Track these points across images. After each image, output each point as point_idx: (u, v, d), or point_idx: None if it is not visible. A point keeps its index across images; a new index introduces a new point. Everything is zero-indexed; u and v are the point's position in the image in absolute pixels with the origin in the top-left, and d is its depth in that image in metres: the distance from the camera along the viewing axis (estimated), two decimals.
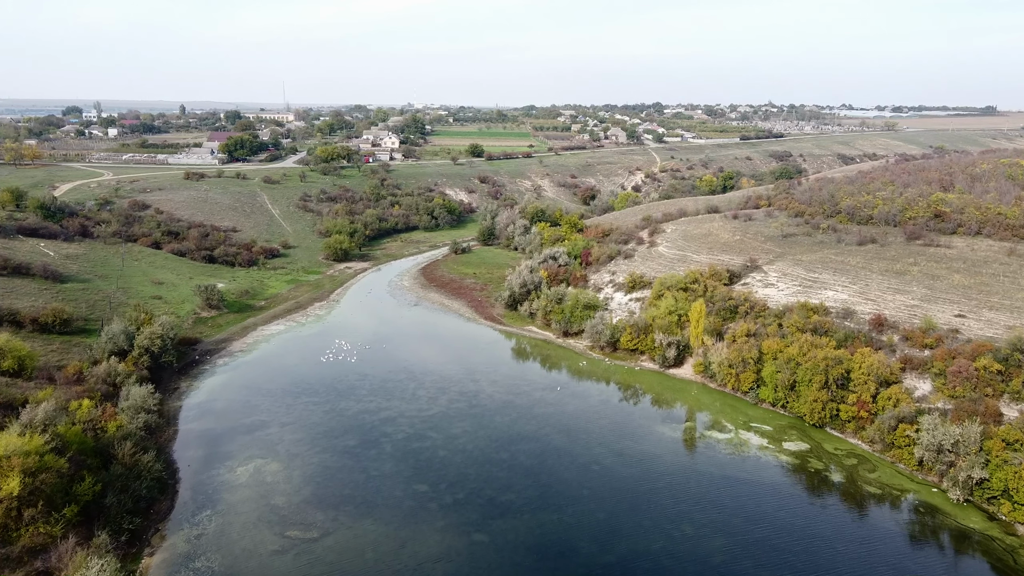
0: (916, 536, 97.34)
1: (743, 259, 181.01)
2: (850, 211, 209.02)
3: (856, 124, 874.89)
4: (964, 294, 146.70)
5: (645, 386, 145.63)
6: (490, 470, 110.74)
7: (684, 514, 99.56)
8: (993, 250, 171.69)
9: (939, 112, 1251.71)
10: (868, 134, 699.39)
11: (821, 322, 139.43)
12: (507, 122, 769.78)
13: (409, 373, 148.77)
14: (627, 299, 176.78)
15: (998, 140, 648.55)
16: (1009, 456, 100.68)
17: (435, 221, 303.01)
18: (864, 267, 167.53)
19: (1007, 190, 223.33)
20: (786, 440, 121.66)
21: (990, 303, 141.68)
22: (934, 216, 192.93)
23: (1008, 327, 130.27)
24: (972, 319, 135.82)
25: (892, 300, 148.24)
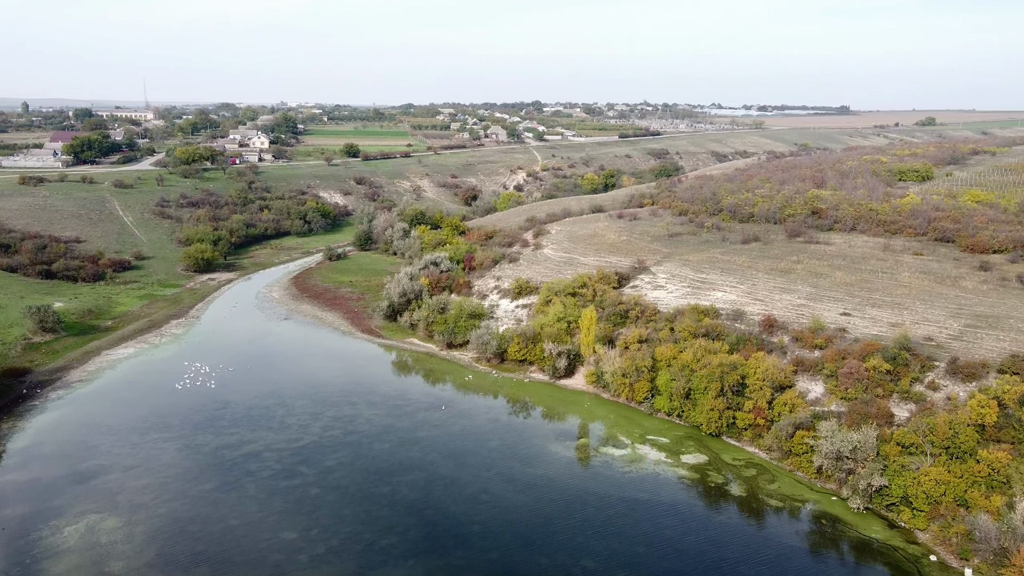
0: (820, 550, 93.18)
1: (631, 260, 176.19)
2: (732, 209, 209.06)
3: (727, 123, 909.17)
4: (847, 292, 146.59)
5: (536, 400, 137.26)
6: (369, 508, 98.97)
7: (583, 546, 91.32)
8: (869, 246, 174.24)
9: (800, 111, 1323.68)
10: (739, 132, 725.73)
11: (713, 325, 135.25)
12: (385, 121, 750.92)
13: (278, 398, 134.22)
14: (514, 306, 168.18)
15: (855, 138, 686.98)
16: (906, 461, 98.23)
17: (308, 226, 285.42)
18: (750, 266, 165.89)
19: (875, 186, 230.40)
20: (684, 452, 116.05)
21: (872, 300, 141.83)
22: (812, 213, 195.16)
23: (891, 324, 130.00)
24: (857, 317, 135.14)
25: (780, 300, 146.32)
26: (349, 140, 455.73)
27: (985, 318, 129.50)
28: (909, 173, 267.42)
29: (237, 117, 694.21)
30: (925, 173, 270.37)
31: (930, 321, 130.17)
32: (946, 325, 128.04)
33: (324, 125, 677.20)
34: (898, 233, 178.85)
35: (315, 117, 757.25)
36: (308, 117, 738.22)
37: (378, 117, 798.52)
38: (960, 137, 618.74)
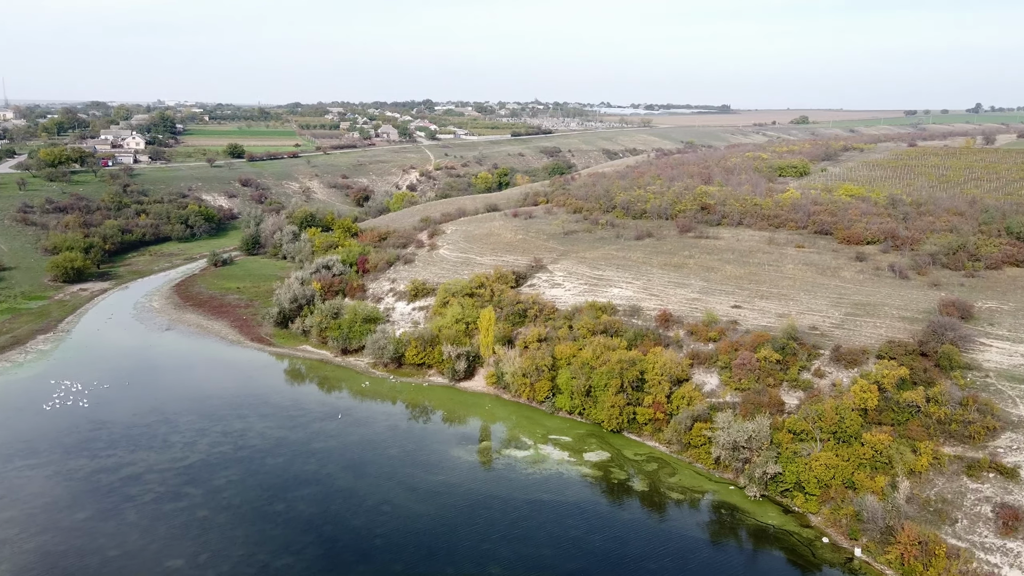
0: (720, 540, 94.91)
1: (528, 259, 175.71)
2: (626, 206, 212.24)
3: (616, 121, 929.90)
4: (737, 285, 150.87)
5: (436, 404, 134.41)
6: (263, 528, 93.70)
7: (489, 553, 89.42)
8: (755, 240, 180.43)
9: (685, 110, 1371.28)
10: (628, 130, 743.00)
11: (611, 322, 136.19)
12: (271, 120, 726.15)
13: (160, 415, 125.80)
14: (410, 308, 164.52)
15: (736, 136, 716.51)
16: (797, 448, 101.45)
17: (191, 230, 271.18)
18: (645, 262, 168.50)
19: (758, 182, 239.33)
20: (587, 450, 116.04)
21: (760, 292, 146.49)
22: (701, 209, 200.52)
23: (779, 315, 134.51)
24: (747, 309, 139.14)
25: (675, 294, 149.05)
26: (233, 140, 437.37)
27: (863, 306, 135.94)
28: (788, 169, 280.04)
29: (109, 116, 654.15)
30: (802, 169, 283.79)
31: (814, 311, 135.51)
32: (829, 314, 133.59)
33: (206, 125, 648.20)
34: (781, 227, 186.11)
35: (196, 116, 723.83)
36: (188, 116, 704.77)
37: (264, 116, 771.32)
38: (831, 134, 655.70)
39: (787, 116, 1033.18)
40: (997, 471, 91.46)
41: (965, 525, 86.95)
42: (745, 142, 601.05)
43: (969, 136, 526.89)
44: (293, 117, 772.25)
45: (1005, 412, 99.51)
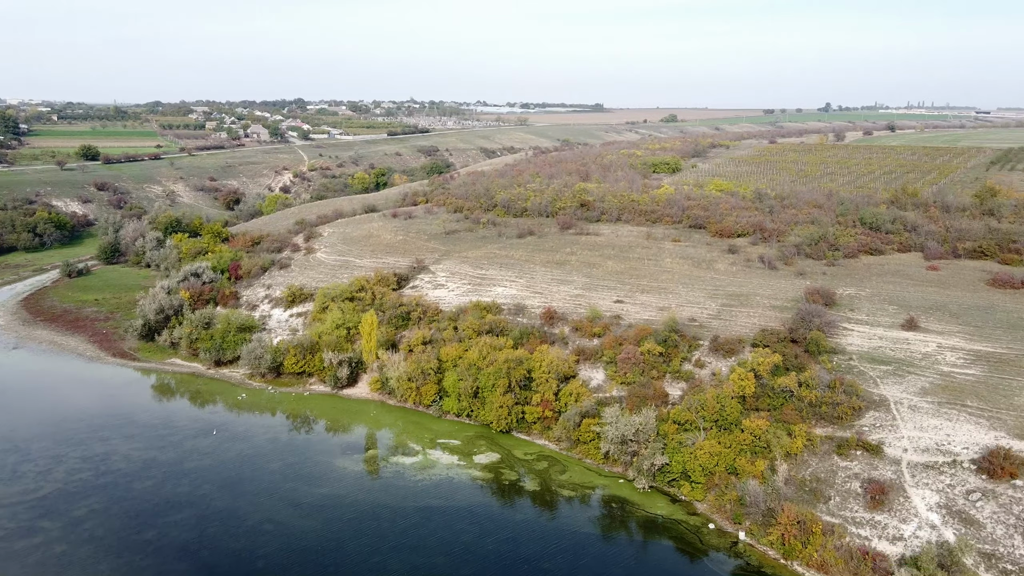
0: (611, 533, 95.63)
1: (410, 260, 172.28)
2: (506, 204, 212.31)
3: (493, 120, 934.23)
4: (619, 280, 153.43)
5: (318, 413, 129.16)
6: (132, 559, 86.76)
7: (380, 566, 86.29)
8: (634, 235, 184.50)
9: (560, 108, 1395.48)
10: (505, 129, 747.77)
11: (496, 321, 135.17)
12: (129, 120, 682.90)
13: (8, 443, 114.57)
14: (288, 315, 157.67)
15: (610, 134, 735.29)
16: (683, 438, 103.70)
17: (40, 239, 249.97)
18: (528, 260, 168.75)
19: (633, 178, 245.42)
20: (476, 452, 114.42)
21: (641, 286, 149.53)
22: (581, 205, 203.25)
23: (660, 308, 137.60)
24: (630, 304, 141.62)
25: (558, 291, 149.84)
26: (86, 141, 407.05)
27: (737, 297, 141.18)
28: (661, 166, 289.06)
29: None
30: (674, 165, 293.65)
31: (692, 303, 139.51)
32: (706, 306, 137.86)
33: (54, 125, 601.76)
34: (658, 222, 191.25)
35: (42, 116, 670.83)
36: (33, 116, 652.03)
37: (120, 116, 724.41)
38: (698, 132, 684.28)
39: (657, 115, 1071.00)
40: (864, 448, 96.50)
41: (838, 502, 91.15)
42: (619, 139, 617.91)
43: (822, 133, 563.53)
44: (154, 117, 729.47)
45: (868, 392, 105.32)
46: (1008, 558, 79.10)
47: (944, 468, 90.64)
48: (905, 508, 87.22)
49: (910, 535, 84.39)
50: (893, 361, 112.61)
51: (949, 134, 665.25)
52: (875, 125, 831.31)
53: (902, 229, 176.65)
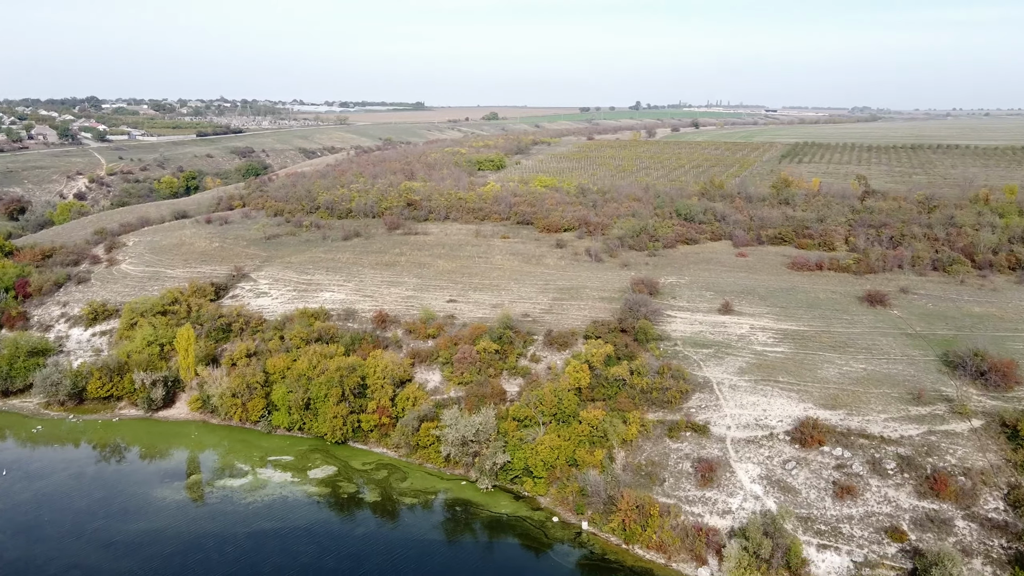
0: (456, 537, 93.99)
1: (228, 268, 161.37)
2: (330, 206, 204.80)
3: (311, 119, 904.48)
4: (450, 279, 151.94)
5: (131, 440, 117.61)
6: None
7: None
8: (463, 233, 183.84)
9: (380, 107, 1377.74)
10: (324, 128, 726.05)
11: (326, 328, 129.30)
12: None
13: None
14: (89, 335, 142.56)
15: (433, 132, 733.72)
16: (523, 434, 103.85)
17: None
18: (355, 262, 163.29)
19: (459, 176, 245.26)
20: (311, 467, 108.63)
21: (473, 284, 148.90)
22: (407, 205, 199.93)
23: (493, 306, 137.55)
24: (463, 302, 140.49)
25: (389, 293, 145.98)
26: None
27: (567, 290, 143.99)
28: (486, 163, 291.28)
29: None
30: (499, 162, 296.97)
31: (525, 299, 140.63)
32: (538, 301, 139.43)
33: None
34: (486, 219, 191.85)
35: None
36: None
37: None
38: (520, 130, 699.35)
39: (479, 113, 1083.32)
40: (692, 429, 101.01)
41: (672, 483, 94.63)
42: (442, 138, 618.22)
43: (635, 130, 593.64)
44: None
45: (693, 375, 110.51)
46: (821, 519, 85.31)
47: (763, 441, 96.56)
48: (732, 483, 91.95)
49: (737, 508, 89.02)
50: (713, 344, 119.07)
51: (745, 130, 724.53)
52: (681, 122, 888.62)
53: (713, 219, 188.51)
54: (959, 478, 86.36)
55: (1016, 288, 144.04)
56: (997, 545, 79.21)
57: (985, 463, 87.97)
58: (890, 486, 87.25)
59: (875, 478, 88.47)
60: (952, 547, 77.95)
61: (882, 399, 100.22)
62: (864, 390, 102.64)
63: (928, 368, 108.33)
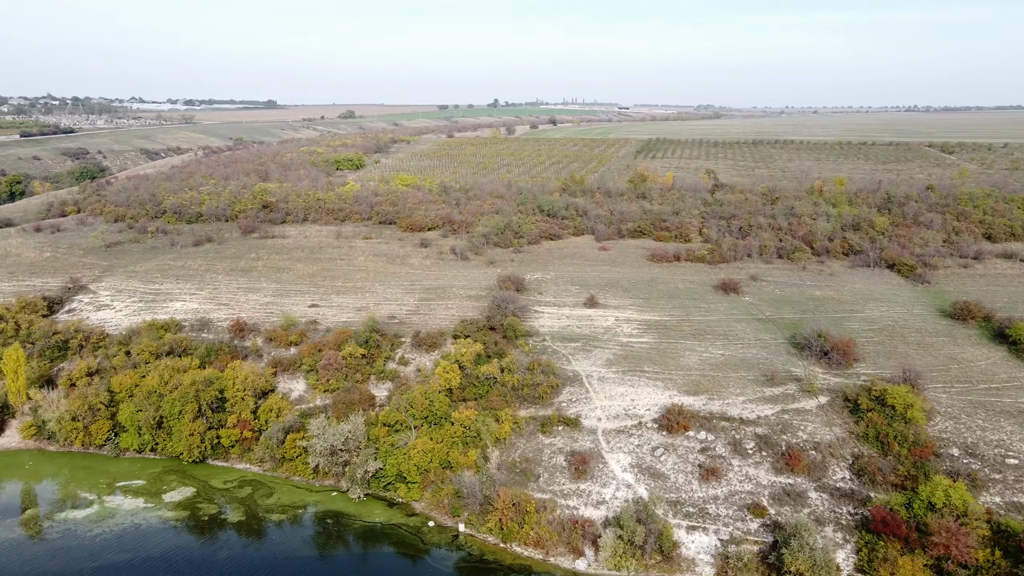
0: (328, 551, 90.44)
1: (62, 280, 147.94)
2: (177, 210, 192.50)
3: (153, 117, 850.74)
4: (312, 283, 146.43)
5: None
6: None
7: None
8: (323, 235, 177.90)
9: (229, 105, 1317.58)
10: (168, 127, 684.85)
11: (178, 340, 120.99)
12: None
13: None
14: None
15: (287, 131, 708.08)
16: (395, 440, 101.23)
17: None
18: (208, 269, 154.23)
19: (317, 177, 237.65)
20: (167, 490, 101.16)
21: (336, 288, 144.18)
22: (263, 207, 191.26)
23: (358, 309, 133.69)
24: (326, 307, 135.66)
25: (247, 300, 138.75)
26: None
27: (434, 290, 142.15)
28: (344, 162, 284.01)
29: None
30: (358, 162, 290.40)
31: (391, 300, 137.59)
32: (405, 302, 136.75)
33: None
34: (347, 220, 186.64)
35: None
36: None
37: None
38: (378, 128, 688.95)
39: (335, 111, 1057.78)
40: (564, 423, 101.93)
41: (547, 478, 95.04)
42: (297, 137, 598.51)
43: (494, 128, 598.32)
44: None
45: (563, 370, 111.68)
46: (689, 502, 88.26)
47: (632, 431, 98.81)
48: (605, 473, 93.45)
49: (611, 497, 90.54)
50: (581, 338, 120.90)
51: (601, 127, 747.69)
52: (539, 119, 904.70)
53: (575, 214, 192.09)
54: (810, 452, 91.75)
55: (850, 272, 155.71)
56: (845, 512, 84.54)
57: (832, 437, 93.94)
58: (750, 465, 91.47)
59: (737, 458, 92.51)
60: (807, 517, 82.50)
61: (740, 382, 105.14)
62: (723, 375, 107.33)
63: (779, 350, 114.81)
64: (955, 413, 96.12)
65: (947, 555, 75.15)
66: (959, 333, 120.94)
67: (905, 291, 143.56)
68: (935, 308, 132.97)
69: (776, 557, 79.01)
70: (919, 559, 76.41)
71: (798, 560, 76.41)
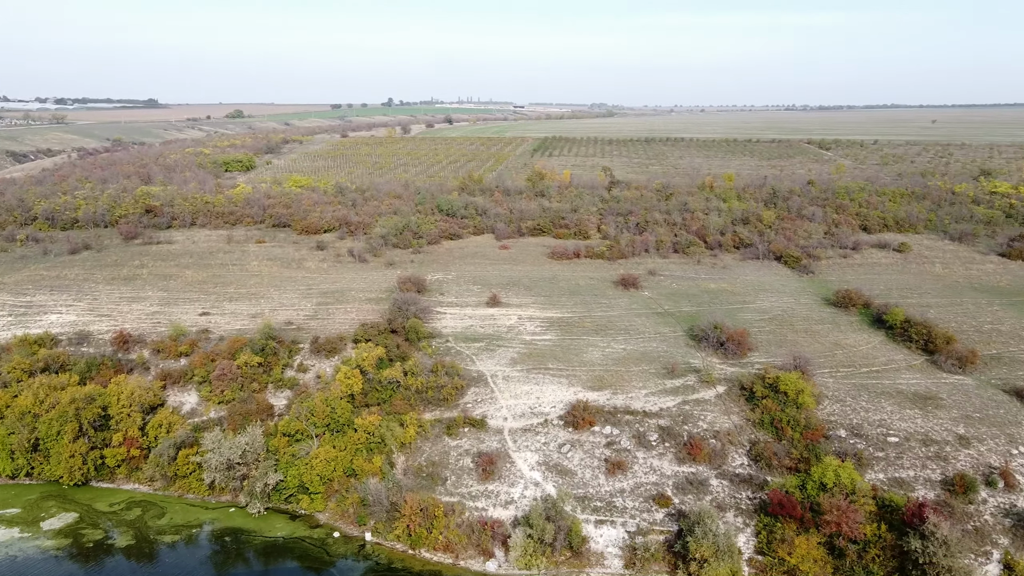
0: (227, 570, 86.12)
1: None
2: (50, 216, 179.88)
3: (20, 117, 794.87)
4: (201, 290, 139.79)
5: None
6: None
7: None
8: (213, 239, 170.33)
9: (105, 104, 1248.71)
10: (38, 128, 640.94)
11: (54, 356, 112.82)
12: None
13: None
14: None
15: (170, 131, 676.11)
16: (295, 450, 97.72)
17: None
18: (86, 278, 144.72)
19: (204, 179, 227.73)
20: (45, 518, 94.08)
21: (228, 294, 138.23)
22: (146, 212, 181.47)
23: (252, 316, 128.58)
24: (218, 315, 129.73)
25: (130, 311, 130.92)
26: None
27: (332, 294, 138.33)
28: (234, 164, 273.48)
29: None
30: (248, 163, 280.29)
31: (287, 305, 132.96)
32: (302, 307, 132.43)
33: None
34: (238, 223, 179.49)
35: None
36: None
37: None
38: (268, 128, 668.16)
39: (221, 110, 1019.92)
40: (470, 425, 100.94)
41: (454, 481, 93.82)
42: (181, 137, 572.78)
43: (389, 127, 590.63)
44: None
45: (467, 370, 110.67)
46: (596, 496, 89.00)
47: (539, 428, 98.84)
48: (512, 473, 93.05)
49: (519, 496, 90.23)
50: (484, 337, 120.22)
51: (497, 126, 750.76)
52: (435, 118, 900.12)
53: (474, 213, 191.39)
54: (711, 441, 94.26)
55: (741, 265, 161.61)
56: (744, 497, 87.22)
57: (730, 425, 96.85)
58: (654, 456, 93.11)
59: (641, 451, 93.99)
60: (709, 505, 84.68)
61: (642, 376, 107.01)
62: (626, 369, 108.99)
63: (678, 343, 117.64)
64: (841, 396, 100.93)
65: (838, 532, 78.59)
66: (842, 320, 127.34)
67: (792, 281, 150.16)
68: (820, 297, 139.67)
69: (681, 545, 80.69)
70: (813, 538, 79.61)
71: (702, 547, 78.23)
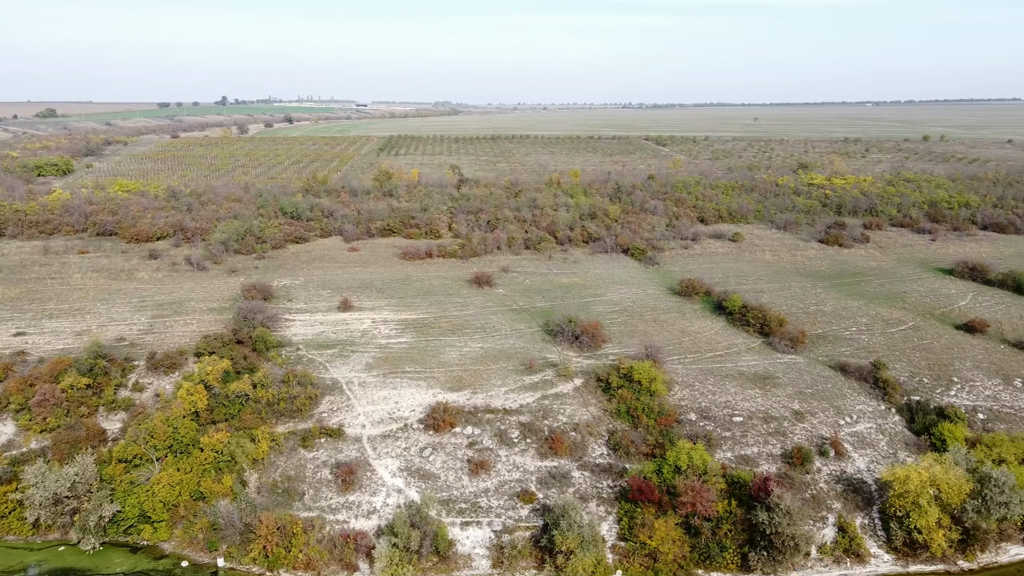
0: None
1: None
2: None
3: None
4: (15, 308, 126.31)
5: None
6: None
7: None
8: (26, 251, 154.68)
9: None
10: None
11: None
12: None
13: None
14: None
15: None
16: (134, 476, 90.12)
17: None
18: None
19: (13, 184, 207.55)
20: None
21: (47, 311, 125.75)
22: None
23: (77, 334, 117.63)
24: (35, 334, 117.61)
25: None
26: None
27: (169, 306, 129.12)
28: (48, 167, 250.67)
29: None
30: (65, 166, 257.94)
31: (117, 320, 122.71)
32: (135, 321, 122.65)
33: None
34: (56, 233, 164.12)
35: None
36: None
37: None
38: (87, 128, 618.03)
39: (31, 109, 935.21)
40: (327, 435, 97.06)
41: (312, 495, 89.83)
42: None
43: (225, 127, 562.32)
44: None
45: (320, 379, 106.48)
46: (461, 498, 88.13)
47: (399, 434, 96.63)
48: (374, 481, 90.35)
49: (382, 505, 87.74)
50: (337, 343, 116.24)
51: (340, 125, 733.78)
52: (274, 118, 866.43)
53: (321, 215, 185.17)
54: (571, 434, 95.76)
55: (591, 259, 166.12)
56: (606, 486, 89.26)
57: (589, 416, 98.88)
58: (517, 453, 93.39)
59: (504, 449, 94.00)
60: (572, 497, 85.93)
61: (500, 373, 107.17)
62: (484, 367, 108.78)
63: (534, 339, 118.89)
64: (690, 381, 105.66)
65: (694, 512, 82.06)
66: (687, 308, 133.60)
67: (639, 273, 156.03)
68: (665, 287, 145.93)
69: (547, 539, 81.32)
70: (671, 519, 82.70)
71: (568, 539, 79.17)
